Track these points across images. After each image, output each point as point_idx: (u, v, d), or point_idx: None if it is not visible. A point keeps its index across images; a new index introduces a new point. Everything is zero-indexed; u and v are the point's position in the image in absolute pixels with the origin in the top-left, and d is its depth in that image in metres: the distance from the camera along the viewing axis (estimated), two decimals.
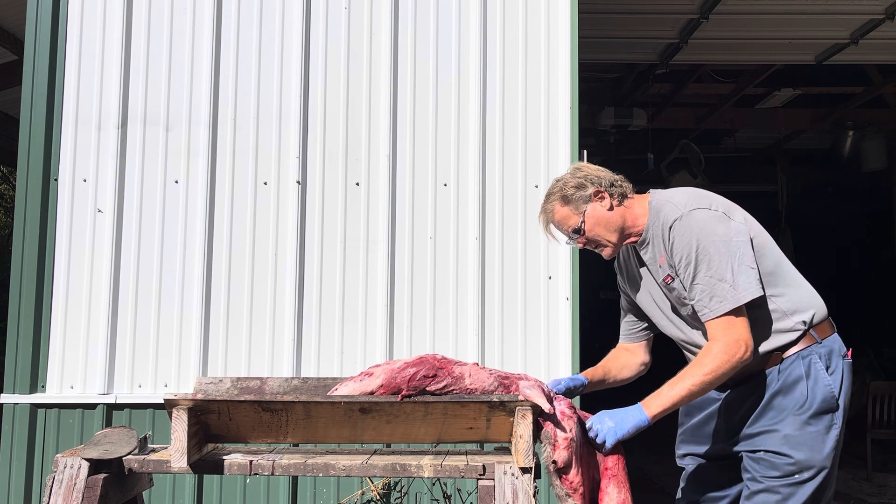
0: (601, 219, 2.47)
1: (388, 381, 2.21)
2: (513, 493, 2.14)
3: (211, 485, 3.98)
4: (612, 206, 2.48)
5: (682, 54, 6.56)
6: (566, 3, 4.14)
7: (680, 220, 2.36)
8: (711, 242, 2.32)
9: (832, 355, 2.40)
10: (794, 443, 2.32)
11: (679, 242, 2.35)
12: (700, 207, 2.38)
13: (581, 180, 2.48)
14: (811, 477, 2.32)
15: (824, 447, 2.33)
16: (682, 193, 2.48)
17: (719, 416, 2.53)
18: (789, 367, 2.37)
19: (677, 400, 2.29)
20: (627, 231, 2.50)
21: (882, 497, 6.20)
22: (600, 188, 2.47)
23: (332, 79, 4.15)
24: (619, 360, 2.75)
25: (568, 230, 2.51)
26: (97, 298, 4.03)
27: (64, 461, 2.23)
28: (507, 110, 4.12)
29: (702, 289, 2.32)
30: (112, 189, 4.08)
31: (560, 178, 2.56)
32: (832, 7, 5.78)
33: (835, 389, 2.36)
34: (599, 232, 2.48)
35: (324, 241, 4.08)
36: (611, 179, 2.51)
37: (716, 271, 2.30)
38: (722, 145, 9.88)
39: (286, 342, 4.01)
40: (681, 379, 2.30)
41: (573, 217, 2.48)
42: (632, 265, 2.64)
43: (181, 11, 4.18)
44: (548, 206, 2.53)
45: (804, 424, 2.33)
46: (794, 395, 2.35)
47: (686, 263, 2.34)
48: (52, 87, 4.12)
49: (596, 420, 2.31)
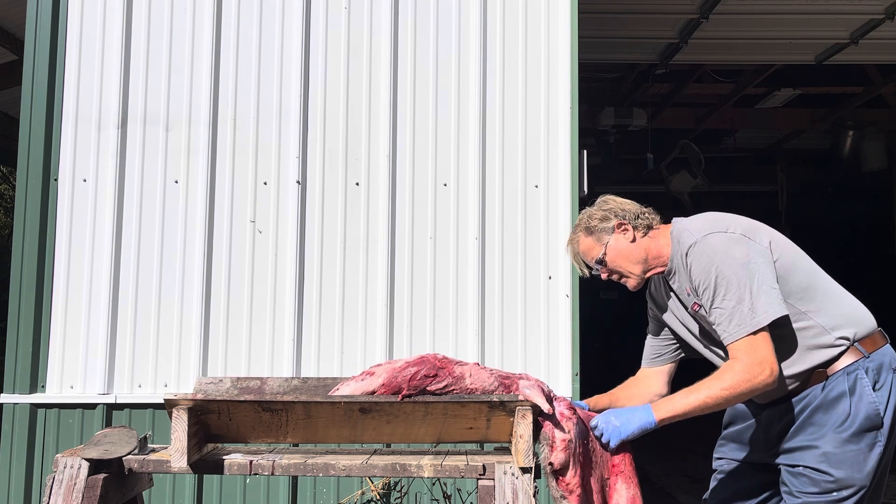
0: (623, 251, 2.50)
1: (390, 380, 2.21)
2: (513, 492, 2.14)
3: (211, 485, 3.98)
4: (636, 237, 2.50)
5: (682, 54, 6.56)
6: (566, 3, 4.14)
7: (694, 246, 2.37)
8: (728, 265, 2.30)
9: (881, 370, 2.35)
10: (834, 460, 2.29)
11: (696, 268, 2.36)
12: (715, 231, 2.39)
13: (606, 213, 2.53)
14: (850, 495, 2.29)
15: (866, 465, 2.29)
16: (699, 219, 2.50)
17: (759, 427, 2.52)
18: (833, 383, 2.33)
19: (689, 409, 2.25)
20: (652, 262, 2.51)
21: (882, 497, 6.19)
22: (623, 220, 2.50)
23: (332, 78, 4.15)
24: (629, 390, 2.70)
25: (591, 261, 2.54)
26: (97, 298, 4.03)
27: (64, 461, 2.23)
28: (507, 110, 4.12)
29: (720, 312, 2.30)
30: (112, 189, 4.08)
31: (587, 209, 2.61)
32: (832, 7, 5.78)
33: (880, 407, 2.31)
34: (621, 263, 2.50)
35: (324, 240, 4.08)
36: (636, 212, 2.54)
37: (734, 294, 2.27)
38: (722, 145, 9.88)
39: (286, 342, 4.01)
40: (697, 389, 2.27)
41: (596, 248, 2.52)
42: (661, 294, 2.64)
43: (181, 11, 4.18)
44: (574, 236, 2.58)
45: (845, 442, 2.29)
46: (836, 412, 2.31)
47: (704, 288, 2.33)
48: (52, 86, 4.12)
49: (602, 419, 2.31)
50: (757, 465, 2.55)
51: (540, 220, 4.06)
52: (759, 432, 2.52)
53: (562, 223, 4.03)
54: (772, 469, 2.47)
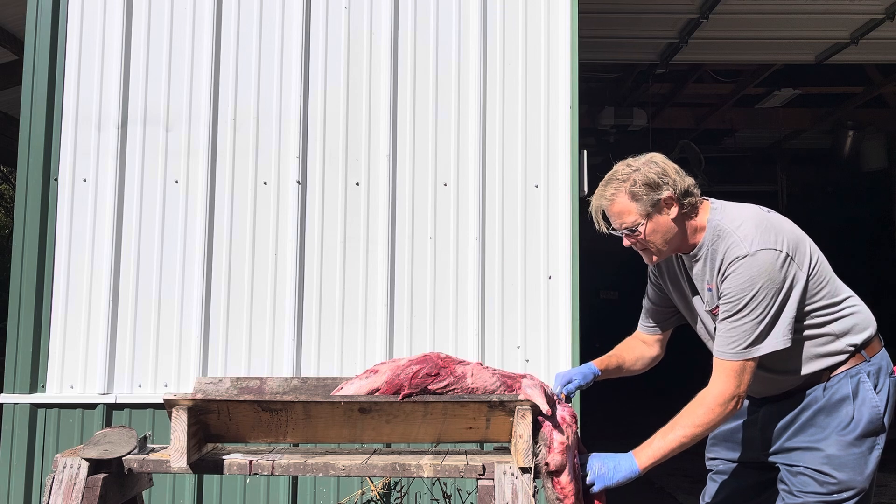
0: (661, 226, 2.32)
1: (392, 378, 2.21)
2: (512, 492, 2.14)
3: (211, 485, 3.98)
4: (677, 216, 2.33)
5: (682, 54, 6.57)
6: (566, 3, 4.14)
7: (743, 260, 2.23)
8: (768, 291, 2.21)
9: (880, 373, 2.35)
10: (837, 463, 2.29)
11: (735, 280, 2.24)
12: (766, 248, 2.24)
13: (657, 178, 2.30)
14: (850, 497, 2.29)
15: (866, 469, 2.29)
16: (749, 223, 2.30)
17: (755, 426, 2.50)
18: (836, 385, 2.33)
19: (668, 451, 2.26)
20: (682, 244, 2.38)
21: (882, 497, 6.19)
22: (673, 195, 2.31)
23: (332, 78, 4.16)
24: (634, 351, 2.71)
25: (620, 224, 2.34)
26: (97, 298, 4.03)
27: (64, 461, 2.22)
28: (507, 110, 4.12)
29: (731, 327, 2.25)
30: (112, 189, 4.08)
31: (633, 164, 2.35)
32: (832, 7, 5.78)
33: (881, 410, 2.32)
34: (655, 239, 2.34)
35: (324, 240, 4.08)
36: (686, 187, 2.33)
37: (755, 318, 2.22)
38: (722, 145, 9.89)
39: (286, 342, 4.01)
40: (672, 429, 2.26)
41: (633, 215, 2.31)
42: (674, 267, 2.52)
43: (181, 11, 4.18)
44: (607, 192, 2.34)
45: (849, 445, 2.29)
46: (840, 415, 2.31)
47: (732, 299, 2.24)
48: (52, 87, 4.12)
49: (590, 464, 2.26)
50: (752, 465, 2.54)
51: (540, 220, 4.06)
52: (754, 431, 2.51)
53: (562, 223, 4.03)
54: (768, 467, 2.47)
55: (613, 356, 2.69)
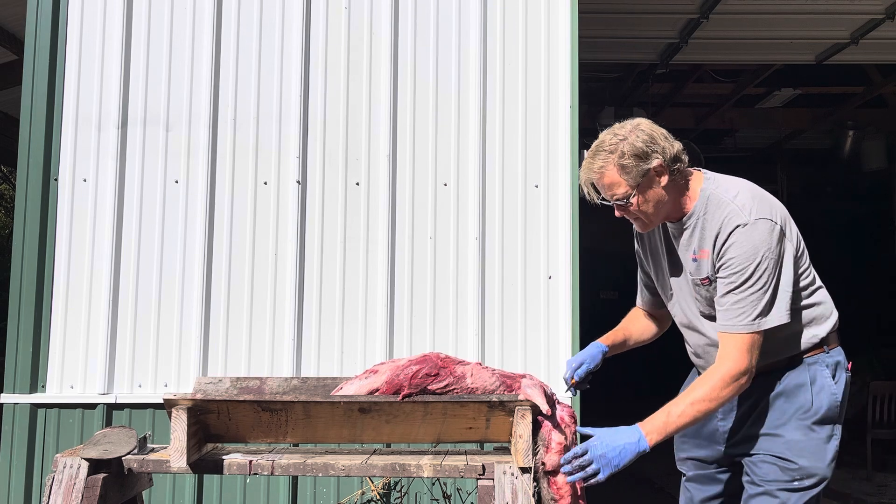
0: (651, 195, 2.28)
1: (392, 378, 2.21)
2: (512, 492, 2.14)
3: (211, 485, 3.98)
4: (667, 183, 2.29)
5: (682, 54, 6.56)
6: (566, 3, 4.14)
7: (744, 228, 2.21)
8: (770, 261, 2.20)
9: (837, 367, 2.36)
10: (797, 449, 2.29)
11: (737, 250, 2.21)
12: (764, 218, 2.23)
13: (644, 147, 2.24)
14: (812, 485, 2.29)
15: (826, 456, 2.30)
16: (744, 193, 2.30)
17: (714, 417, 2.48)
18: (794, 372, 2.34)
19: (679, 426, 2.21)
20: (672, 212, 2.35)
21: (882, 497, 6.20)
22: (663, 163, 2.26)
23: (332, 79, 4.16)
24: (640, 323, 2.72)
25: (611, 196, 2.31)
26: (97, 298, 4.03)
27: (63, 461, 2.23)
28: (507, 110, 4.12)
29: (737, 298, 2.22)
30: (112, 189, 4.08)
31: (620, 133, 2.29)
32: (832, 7, 5.78)
33: (839, 398, 2.33)
34: (646, 209, 2.31)
35: (324, 241, 4.08)
36: (674, 153, 2.28)
37: (760, 289, 2.20)
38: (722, 145, 9.89)
39: (286, 342, 4.01)
40: (682, 403, 2.22)
41: (623, 187, 2.27)
42: (655, 239, 2.50)
43: (181, 11, 4.18)
44: (595, 164, 2.29)
45: (808, 430, 2.29)
46: (798, 400, 2.32)
47: (736, 269, 2.21)
48: (52, 87, 4.12)
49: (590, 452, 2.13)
50: (720, 465, 2.54)
51: (540, 219, 4.06)
52: (714, 421, 2.48)
53: (562, 223, 4.03)
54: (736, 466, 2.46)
55: (619, 330, 2.70)
